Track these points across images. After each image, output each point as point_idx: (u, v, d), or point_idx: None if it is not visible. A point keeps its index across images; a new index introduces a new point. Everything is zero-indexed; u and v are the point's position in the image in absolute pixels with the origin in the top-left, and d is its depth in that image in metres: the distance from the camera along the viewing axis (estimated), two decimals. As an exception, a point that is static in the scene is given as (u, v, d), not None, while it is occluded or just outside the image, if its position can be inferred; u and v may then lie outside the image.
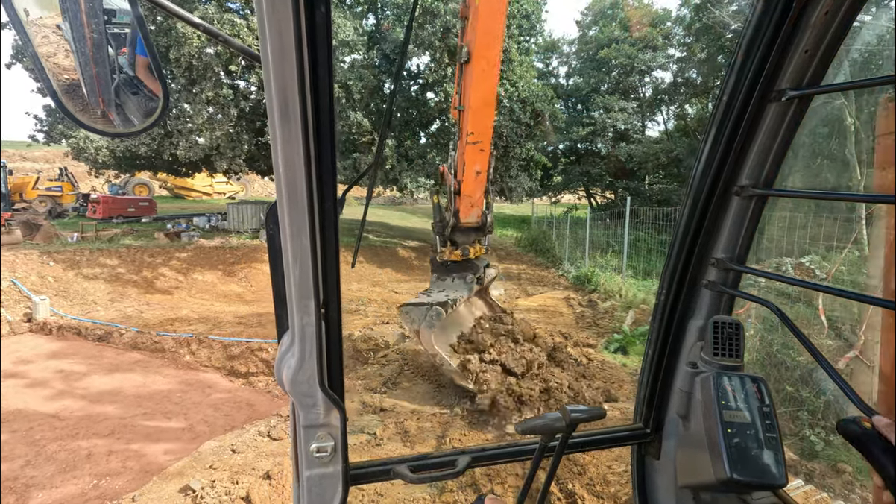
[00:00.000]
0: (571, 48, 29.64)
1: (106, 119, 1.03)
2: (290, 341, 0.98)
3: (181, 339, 9.55)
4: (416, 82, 19.38)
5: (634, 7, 26.44)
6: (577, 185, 27.52)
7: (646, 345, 1.52)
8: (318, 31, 0.73)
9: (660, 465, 1.50)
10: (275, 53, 0.72)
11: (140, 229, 18.66)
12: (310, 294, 0.91)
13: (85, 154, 15.92)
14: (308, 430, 1.03)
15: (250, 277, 15.25)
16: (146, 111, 1.07)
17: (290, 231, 0.86)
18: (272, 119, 0.77)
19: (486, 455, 1.41)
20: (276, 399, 8.18)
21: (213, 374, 8.99)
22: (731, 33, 17.53)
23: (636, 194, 21.87)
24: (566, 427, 1.31)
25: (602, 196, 28.86)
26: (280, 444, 5.00)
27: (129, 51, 1.07)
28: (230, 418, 7.14)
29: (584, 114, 26.29)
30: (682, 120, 25.59)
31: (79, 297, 12.37)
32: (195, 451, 5.26)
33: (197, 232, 18.46)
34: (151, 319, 10.87)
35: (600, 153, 25.52)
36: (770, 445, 1.12)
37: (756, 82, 1.10)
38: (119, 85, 1.04)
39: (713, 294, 1.35)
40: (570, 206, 25.66)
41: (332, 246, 0.91)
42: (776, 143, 1.17)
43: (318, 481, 1.06)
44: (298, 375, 0.98)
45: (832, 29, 1.01)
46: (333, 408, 1.03)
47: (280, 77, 0.74)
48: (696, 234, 1.31)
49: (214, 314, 11.52)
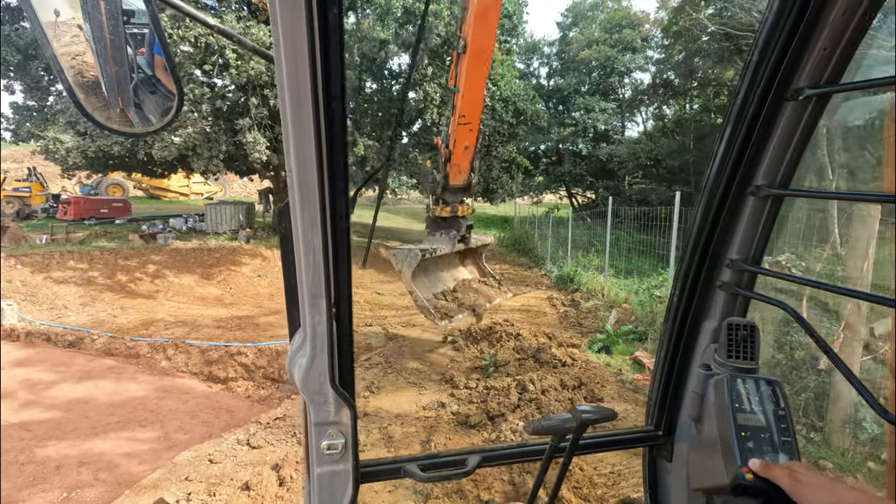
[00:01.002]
0: (552, 49, 29.84)
1: (124, 118, 1.05)
2: (302, 339, 0.99)
3: (157, 344, 9.27)
4: (398, 81, 19.27)
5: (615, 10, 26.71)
6: (558, 185, 27.71)
7: (658, 346, 1.51)
8: (330, 33, 0.73)
9: (672, 467, 1.49)
10: (288, 54, 0.73)
11: (113, 231, 18.12)
12: (321, 293, 0.92)
13: (55, 155, 15.37)
14: (319, 428, 1.04)
15: (229, 280, 14.93)
16: (163, 110, 1.09)
17: (303, 230, 0.87)
18: (285, 119, 0.78)
19: (496, 455, 1.40)
20: (255, 405, 7.99)
21: (190, 379, 8.74)
22: (708, 35, 17.82)
23: (616, 194, 22.09)
24: (577, 428, 1.30)
25: (583, 196, 29.10)
26: (260, 453, 4.86)
27: (147, 51, 1.09)
28: (208, 426, 6.94)
29: (566, 114, 26.48)
30: (661, 121, 25.97)
31: (48, 302, 11.93)
32: (171, 462, 5.08)
33: (173, 233, 18.02)
34: (125, 324, 10.53)
35: (581, 153, 25.74)
36: (785, 449, 1.10)
37: (773, 80, 1.09)
38: (137, 84, 1.07)
39: (727, 295, 1.34)
40: (552, 207, 25.83)
41: (344, 245, 0.92)
42: (793, 143, 1.16)
43: (329, 478, 1.07)
44: (309, 373, 0.99)
45: (851, 26, 1.00)
46: (344, 405, 1.04)
47: (293, 78, 0.75)
48: (711, 235, 1.29)
49: (192, 318, 11.23)
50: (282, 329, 10.25)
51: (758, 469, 1.02)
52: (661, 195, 20.71)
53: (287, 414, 5.69)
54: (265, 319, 11.17)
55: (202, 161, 15.12)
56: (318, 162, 0.81)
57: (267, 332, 10.08)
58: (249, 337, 9.66)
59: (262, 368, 8.70)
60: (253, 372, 8.76)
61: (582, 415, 1.28)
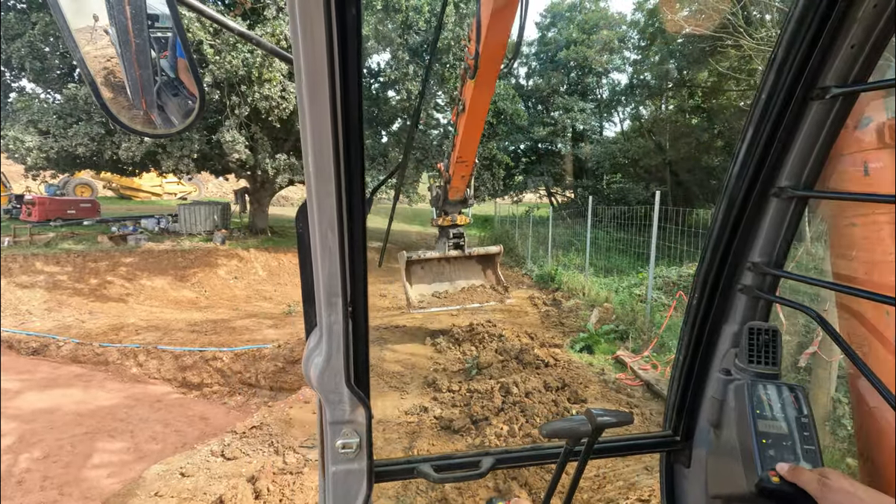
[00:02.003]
0: (531, 49, 29.96)
1: (148, 119, 1.09)
2: (318, 339, 1.00)
3: (127, 350, 8.94)
4: (377, 80, 19.05)
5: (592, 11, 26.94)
6: (538, 185, 27.85)
7: (677, 350, 1.50)
8: (349, 34, 0.74)
9: (690, 473, 1.48)
10: (307, 55, 0.73)
11: (81, 233, 17.47)
12: (338, 292, 0.93)
13: (15, 155, 14.68)
14: (334, 427, 1.05)
15: (204, 282, 14.54)
16: (185, 112, 1.12)
17: (320, 229, 0.87)
18: (303, 119, 0.78)
19: (510, 457, 1.38)
20: (232, 411, 7.76)
21: (163, 386, 8.45)
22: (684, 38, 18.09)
23: (594, 193, 22.30)
24: (592, 431, 1.27)
25: (563, 195, 29.31)
26: (235, 464, 4.67)
27: (171, 54, 1.13)
28: (181, 435, 6.70)
29: (545, 114, 26.63)
30: (638, 121, 26.32)
31: (11, 307, 11.40)
32: (140, 476, 4.85)
33: (145, 235, 17.47)
34: (94, 330, 10.12)
35: (560, 153, 25.91)
36: (808, 458, 1.07)
37: (798, 79, 1.07)
38: (161, 87, 1.11)
39: (749, 299, 1.32)
40: (532, 206, 25.94)
41: (360, 245, 0.92)
42: (818, 143, 1.13)
43: (344, 477, 1.08)
44: (325, 372, 1.00)
45: (882, 22, 0.97)
46: (359, 405, 1.05)
47: (311, 79, 0.75)
48: (732, 237, 1.27)
49: (165, 322, 10.87)
50: (258, 333, 9.99)
51: (785, 473, 1.00)
52: (638, 195, 20.98)
53: (264, 422, 5.51)
54: (242, 323, 10.88)
55: (172, 160, 14.65)
56: (336, 161, 0.82)
57: (243, 335, 9.81)
58: (225, 341, 9.38)
59: (239, 373, 8.46)
60: (229, 377, 8.50)
61: (598, 418, 1.26)
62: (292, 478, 4.36)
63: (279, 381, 8.31)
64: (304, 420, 5.72)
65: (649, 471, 4.36)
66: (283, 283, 15.85)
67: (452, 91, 17.97)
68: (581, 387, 6.15)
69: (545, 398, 5.74)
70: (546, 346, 7.72)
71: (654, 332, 7.85)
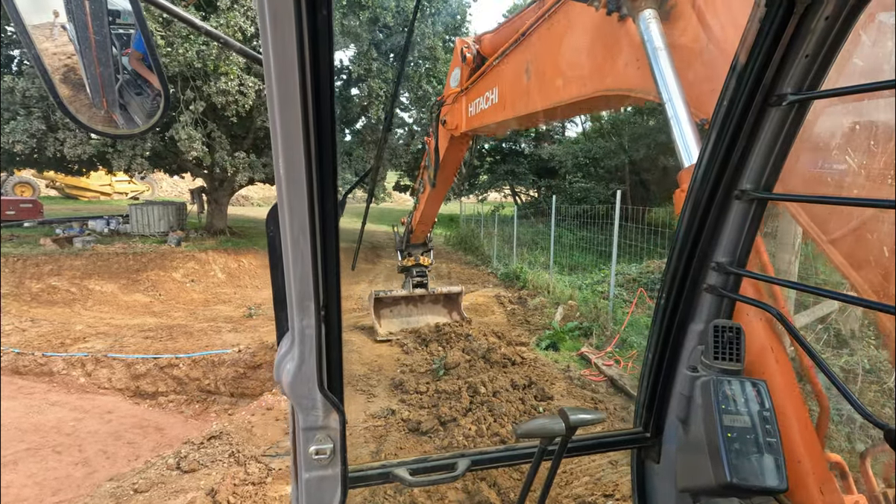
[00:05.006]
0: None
1: (109, 118, 1.05)
2: (290, 343, 0.98)
3: (74, 359, 8.44)
4: (340, 78, 18.71)
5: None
6: (502, 184, 28.08)
7: (646, 348, 1.54)
8: (320, 35, 0.73)
9: (660, 468, 1.53)
10: (277, 56, 0.72)
11: (22, 235, 16.39)
12: (310, 296, 0.92)
13: None
14: (307, 433, 1.03)
15: (158, 286, 13.90)
16: (148, 111, 1.09)
17: (291, 233, 0.86)
18: (273, 121, 0.78)
19: (485, 458, 1.41)
20: (189, 420, 7.45)
21: (113, 396, 8.02)
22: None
23: (558, 192, 22.66)
24: (566, 430, 1.30)
25: (526, 195, 29.67)
26: (192, 477, 4.45)
27: (133, 51, 1.09)
28: (135, 447, 6.37)
29: (508, 114, 26.83)
30: (598, 122, 26.91)
31: (-58, 316, 10.56)
32: (89, 494, 4.56)
33: (93, 237, 16.55)
34: (36, 338, 9.50)
35: (524, 153, 26.19)
36: (770, 450, 1.13)
37: (757, 86, 1.12)
38: (123, 85, 1.07)
39: (714, 298, 1.37)
40: (497, 205, 26.11)
41: (333, 247, 0.92)
42: (777, 147, 1.19)
43: (317, 483, 1.06)
44: (297, 378, 0.98)
45: (833, 34, 1.03)
46: (333, 410, 1.03)
47: (282, 79, 0.74)
48: (697, 238, 1.32)
49: (116, 329, 10.31)
50: (218, 338, 9.63)
51: None
52: (599, 194, 21.45)
53: (224, 430, 5.29)
54: (199, 327, 10.45)
55: (124, 159, 13.92)
56: (307, 163, 0.80)
57: (201, 340, 9.43)
58: (182, 347, 8.99)
59: (197, 380, 8.13)
60: (186, 385, 8.16)
61: (571, 417, 1.28)
62: (255, 489, 4.19)
63: (240, 387, 8.03)
64: (267, 427, 5.53)
65: (614, 465, 4.44)
66: (243, 286, 15.36)
67: (417, 90, 17.88)
68: (547, 384, 6.22)
69: (512, 396, 5.76)
70: (513, 345, 7.76)
71: (616, 329, 8.04)
